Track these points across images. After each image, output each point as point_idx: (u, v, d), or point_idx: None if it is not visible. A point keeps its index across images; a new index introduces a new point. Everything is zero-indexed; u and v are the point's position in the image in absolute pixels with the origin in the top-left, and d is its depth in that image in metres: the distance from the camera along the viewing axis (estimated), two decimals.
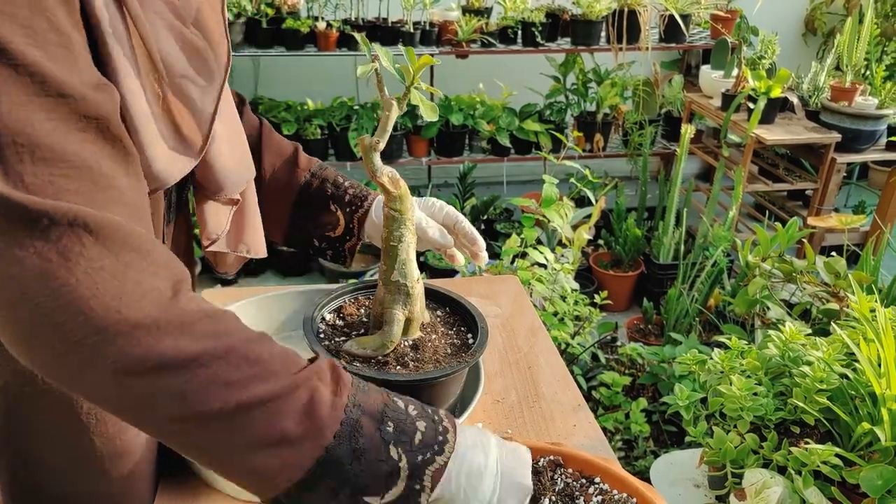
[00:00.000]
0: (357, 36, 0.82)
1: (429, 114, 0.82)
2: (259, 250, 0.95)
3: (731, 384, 1.01)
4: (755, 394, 1.00)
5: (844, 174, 3.12)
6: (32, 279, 0.52)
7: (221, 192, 0.85)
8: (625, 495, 0.81)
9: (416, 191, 3.52)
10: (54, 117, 0.56)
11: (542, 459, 0.85)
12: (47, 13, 0.56)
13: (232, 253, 0.93)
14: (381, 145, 0.81)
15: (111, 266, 0.55)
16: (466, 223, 1.01)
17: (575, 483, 0.82)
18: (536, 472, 0.83)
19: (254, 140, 1.01)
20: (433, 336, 0.93)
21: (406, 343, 0.90)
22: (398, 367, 0.86)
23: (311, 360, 0.63)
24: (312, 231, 1.04)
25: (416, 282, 0.89)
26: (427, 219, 0.99)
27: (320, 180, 1.03)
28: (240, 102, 1.02)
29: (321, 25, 3.17)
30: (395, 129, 3.10)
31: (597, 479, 0.83)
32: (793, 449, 0.92)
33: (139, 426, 0.60)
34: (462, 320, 0.98)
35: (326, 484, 0.59)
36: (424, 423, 0.63)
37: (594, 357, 2.24)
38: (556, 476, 0.83)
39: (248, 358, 0.58)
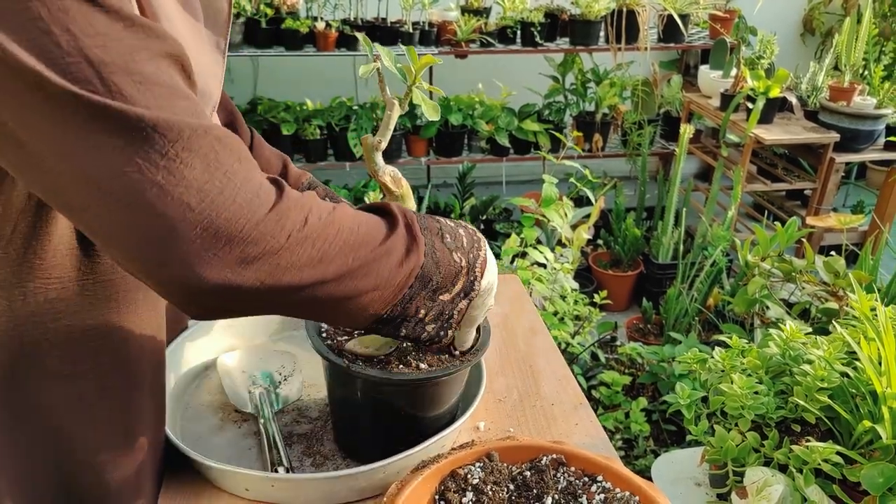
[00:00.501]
0: (359, 36, 0.82)
1: (430, 113, 0.82)
2: None
3: (732, 383, 1.01)
4: (756, 392, 1.00)
5: (843, 174, 3.13)
6: (188, 192, 0.56)
7: None
8: (627, 493, 0.81)
9: (416, 191, 3.53)
10: (147, 55, 0.57)
11: (544, 458, 0.85)
12: None
13: None
14: (384, 145, 0.82)
15: (232, 166, 0.60)
16: None
17: (577, 481, 0.83)
18: (539, 471, 0.83)
19: None
20: None
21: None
22: (400, 366, 0.86)
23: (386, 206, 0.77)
24: None
25: None
26: None
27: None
28: (232, 108, 1.01)
29: (320, 25, 3.17)
30: (394, 129, 3.10)
31: (599, 478, 0.83)
32: (794, 447, 0.92)
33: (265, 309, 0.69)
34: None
35: (419, 292, 0.75)
36: (462, 230, 0.81)
37: (594, 356, 2.24)
38: (558, 474, 0.84)
39: (355, 230, 0.69)
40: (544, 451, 0.86)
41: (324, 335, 0.91)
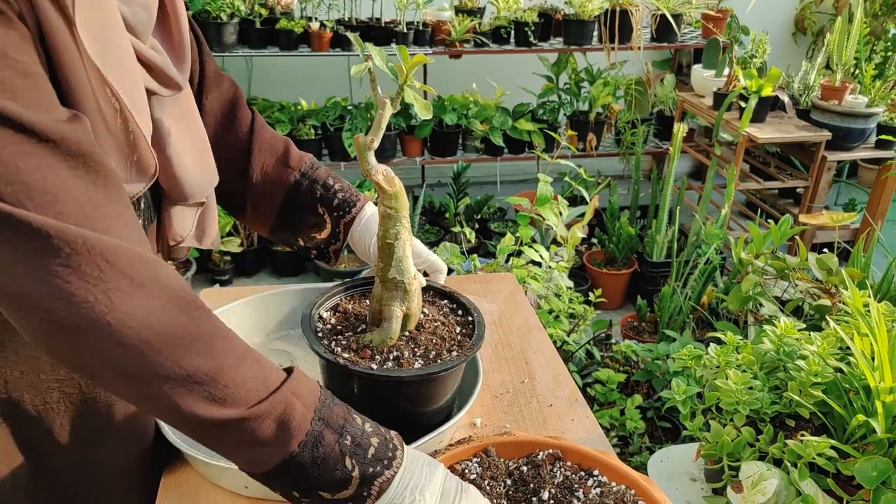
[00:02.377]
0: (350, 35, 0.82)
1: (423, 111, 0.83)
2: (215, 242, 0.97)
3: (727, 379, 1.02)
4: (751, 388, 1.01)
5: (834, 172, 3.15)
6: (55, 298, 0.59)
7: (187, 200, 0.85)
8: (623, 487, 0.82)
9: (410, 190, 3.53)
10: (44, 163, 0.59)
11: (541, 453, 0.86)
12: (10, 60, 0.58)
13: (190, 246, 0.95)
14: (376, 144, 0.82)
15: (126, 287, 0.61)
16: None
17: (574, 476, 0.83)
18: (536, 466, 0.84)
19: (245, 136, 1.01)
20: (433, 328, 0.93)
21: (404, 338, 0.91)
22: (396, 363, 0.87)
23: (288, 371, 0.72)
24: (298, 230, 1.04)
25: (413, 278, 0.90)
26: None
27: (310, 181, 1.03)
28: (234, 95, 1.01)
29: (315, 26, 3.17)
30: (388, 128, 3.10)
31: (595, 472, 0.84)
32: (788, 442, 0.93)
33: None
34: (460, 315, 0.98)
35: (287, 478, 0.69)
36: (377, 439, 0.72)
37: (589, 354, 2.25)
38: (555, 469, 0.84)
39: (235, 380, 0.66)
40: (541, 447, 0.87)
41: (319, 334, 0.91)
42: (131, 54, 0.70)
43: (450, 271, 2.04)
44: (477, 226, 3.55)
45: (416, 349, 0.90)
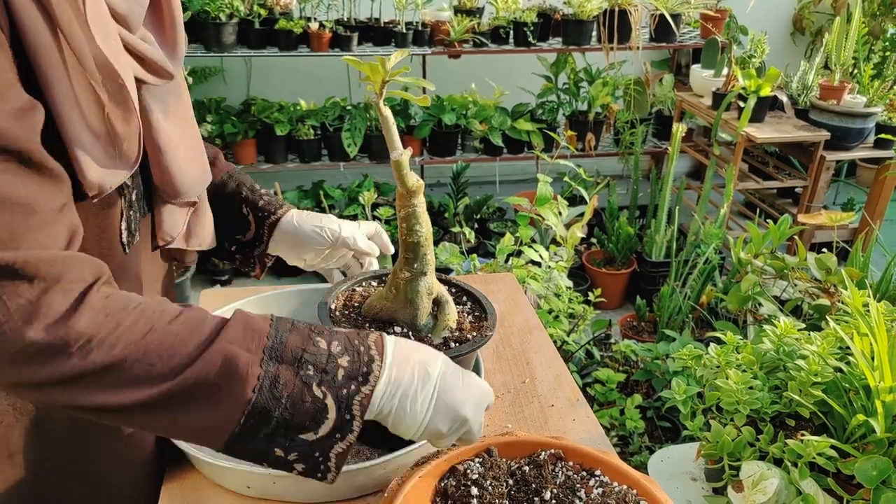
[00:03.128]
0: (348, 59, 0.83)
1: (418, 102, 0.84)
2: (209, 243, 0.97)
3: (727, 378, 1.02)
4: (751, 388, 1.02)
5: (833, 172, 3.15)
6: None
7: (179, 198, 0.85)
8: (625, 487, 0.82)
9: None
10: None
11: (543, 453, 0.86)
12: None
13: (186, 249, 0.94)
14: (408, 153, 0.85)
15: (29, 294, 0.60)
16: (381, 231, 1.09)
17: (576, 476, 0.84)
18: (538, 465, 0.84)
19: None
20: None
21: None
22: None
23: (226, 320, 0.69)
24: (223, 232, 1.04)
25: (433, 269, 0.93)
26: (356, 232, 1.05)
27: (236, 183, 1.04)
28: None
29: (314, 26, 3.17)
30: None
31: (597, 472, 0.84)
32: (789, 441, 0.93)
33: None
34: (469, 305, 0.99)
35: (259, 430, 0.66)
36: (348, 357, 0.69)
37: (589, 354, 2.25)
38: (557, 469, 0.84)
39: (159, 354, 0.63)
40: (542, 447, 0.87)
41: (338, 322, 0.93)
42: (119, 42, 0.69)
43: (449, 271, 2.04)
44: (476, 226, 3.55)
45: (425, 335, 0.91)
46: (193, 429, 0.66)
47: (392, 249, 1.09)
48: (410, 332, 0.91)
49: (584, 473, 0.84)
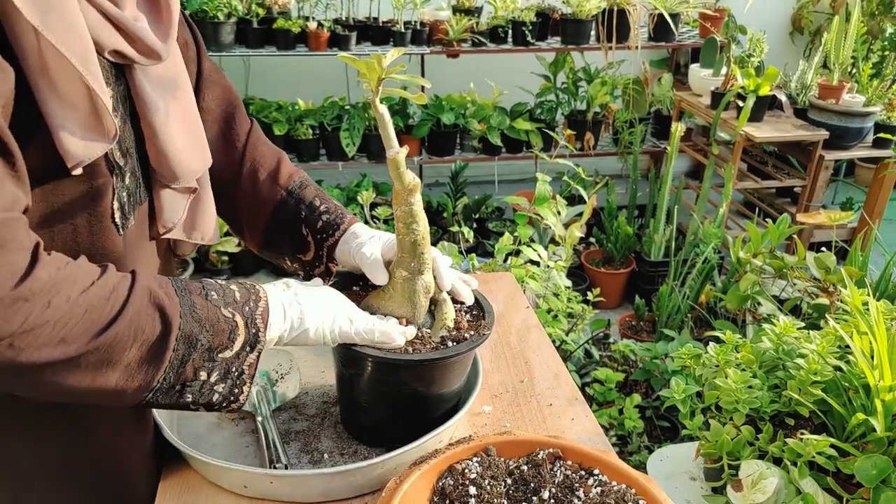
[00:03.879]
0: (345, 58, 0.83)
1: (414, 100, 0.84)
2: (212, 237, 0.96)
3: (726, 377, 1.02)
4: (750, 387, 1.01)
5: (832, 171, 3.15)
6: None
7: (177, 181, 0.84)
8: (624, 486, 0.82)
9: None
10: None
11: (541, 452, 0.86)
12: None
13: (187, 241, 0.94)
14: (405, 150, 0.84)
15: None
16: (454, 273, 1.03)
17: (574, 475, 0.83)
18: (536, 465, 0.84)
19: (241, 146, 1.01)
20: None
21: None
22: (409, 348, 0.88)
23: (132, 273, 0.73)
24: (285, 250, 1.03)
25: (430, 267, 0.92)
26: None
27: (296, 200, 1.01)
28: (233, 100, 1.01)
29: (312, 25, 3.16)
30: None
31: (595, 471, 0.84)
32: (788, 440, 0.93)
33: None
34: (469, 305, 0.99)
35: (188, 356, 0.73)
36: (235, 286, 0.80)
37: (587, 353, 2.25)
38: (555, 468, 0.84)
39: (94, 303, 0.67)
40: (541, 446, 0.87)
41: None
42: (79, 18, 0.67)
43: None
44: (475, 225, 3.55)
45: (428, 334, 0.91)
46: (129, 366, 0.70)
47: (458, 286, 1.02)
48: None
49: (583, 473, 0.84)
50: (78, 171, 0.69)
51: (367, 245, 0.96)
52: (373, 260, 0.94)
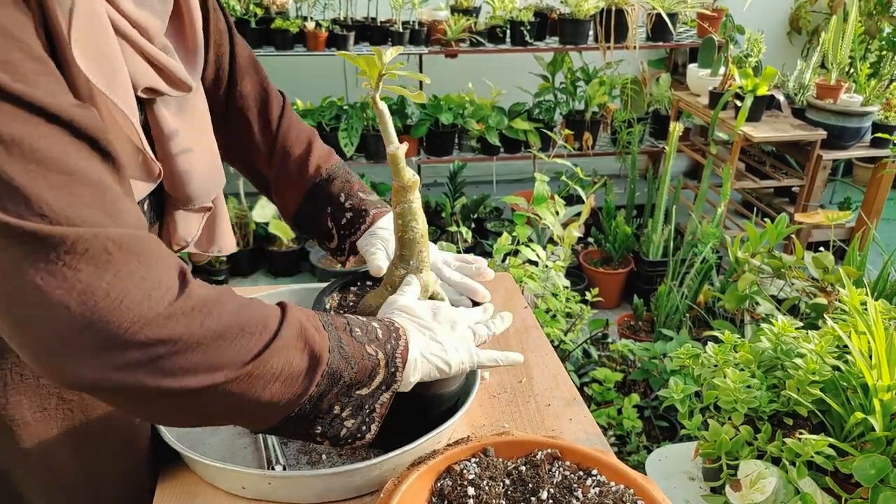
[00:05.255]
0: (346, 56, 0.83)
1: (412, 98, 0.84)
2: (230, 248, 0.98)
3: (725, 377, 1.02)
4: (749, 386, 1.01)
5: (830, 171, 3.16)
6: (68, 294, 0.56)
7: (192, 204, 0.85)
8: (622, 486, 0.82)
9: None
10: (55, 141, 0.57)
11: (539, 452, 0.85)
12: (19, 43, 0.57)
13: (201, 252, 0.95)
14: (405, 147, 0.83)
15: (126, 267, 0.59)
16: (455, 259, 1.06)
17: (572, 475, 0.83)
18: (534, 465, 0.84)
19: (274, 130, 1.03)
20: None
21: None
22: None
23: (281, 305, 0.73)
24: (314, 234, 1.07)
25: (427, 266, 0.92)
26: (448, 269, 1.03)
27: (325, 194, 1.03)
28: (267, 85, 1.03)
29: (310, 25, 3.16)
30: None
31: (594, 472, 0.84)
32: (787, 440, 0.93)
33: (161, 417, 0.70)
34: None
35: (331, 390, 0.72)
36: (377, 323, 0.79)
37: (586, 353, 2.25)
38: (553, 469, 0.84)
39: (245, 329, 0.65)
40: (539, 446, 0.87)
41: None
42: (119, 57, 0.68)
43: None
44: (473, 225, 3.55)
45: None
46: (272, 397, 0.68)
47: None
48: None
49: (581, 473, 0.84)
50: None
51: (379, 246, 0.99)
52: (376, 266, 0.97)
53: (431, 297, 0.93)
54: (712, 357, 1.09)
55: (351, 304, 0.96)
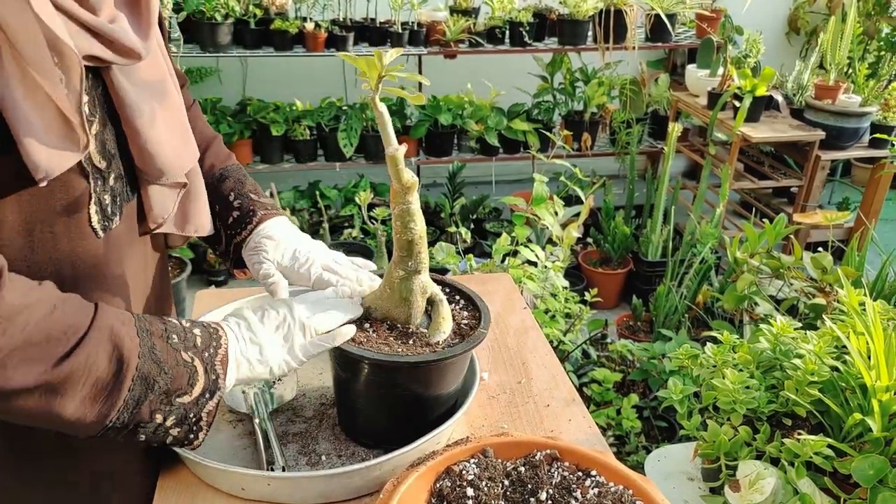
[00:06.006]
0: (346, 57, 0.82)
1: (412, 100, 0.84)
2: (205, 228, 0.96)
3: (723, 378, 1.02)
4: (747, 387, 1.01)
5: (828, 171, 3.16)
6: None
7: (163, 178, 0.84)
8: (621, 487, 0.82)
9: None
10: None
11: (538, 453, 0.86)
12: None
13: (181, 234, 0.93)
14: (404, 148, 0.83)
15: None
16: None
17: (571, 476, 0.83)
18: (533, 466, 0.84)
19: None
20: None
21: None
22: (405, 349, 0.88)
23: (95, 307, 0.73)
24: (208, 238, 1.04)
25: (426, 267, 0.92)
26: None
27: (216, 191, 1.02)
28: (180, 80, 1.00)
29: (309, 26, 3.16)
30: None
31: (593, 472, 0.84)
32: (785, 441, 0.93)
33: None
34: (462, 304, 0.99)
35: (144, 398, 0.73)
36: (199, 329, 0.80)
37: (585, 354, 2.25)
38: (552, 469, 0.84)
39: (52, 336, 0.67)
40: (538, 447, 0.87)
41: None
42: (35, 28, 0.64)
43: (445, 271, 2.04)
44: (472, 226, 3.55)
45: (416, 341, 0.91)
46: (84, 400, 0.69)
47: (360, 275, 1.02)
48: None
49: (580, 474, 0.84)
50: (44, 184, 0.67)
51: (262, 258, 0.97)
52: (263, 276, 0.96)
53: (430, 300, 0.93)
54: (711, 357, 1.09)
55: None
